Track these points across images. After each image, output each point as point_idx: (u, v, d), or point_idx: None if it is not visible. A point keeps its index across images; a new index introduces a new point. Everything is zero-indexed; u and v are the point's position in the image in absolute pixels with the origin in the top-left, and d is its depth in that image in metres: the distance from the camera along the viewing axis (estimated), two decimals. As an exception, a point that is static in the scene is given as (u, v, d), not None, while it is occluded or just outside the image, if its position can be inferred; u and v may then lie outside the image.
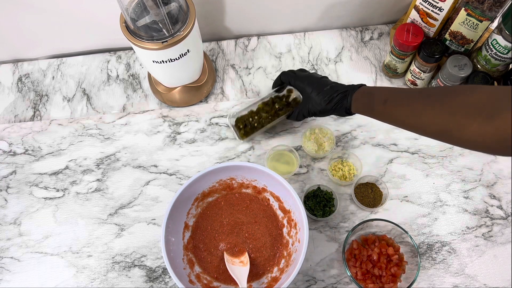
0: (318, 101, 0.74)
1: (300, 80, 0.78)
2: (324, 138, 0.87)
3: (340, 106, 0.71)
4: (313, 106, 0.75)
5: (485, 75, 0.80)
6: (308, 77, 0.78)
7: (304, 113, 0.78)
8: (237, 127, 0.86)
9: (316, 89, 0.75)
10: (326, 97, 0.72)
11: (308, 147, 0.86)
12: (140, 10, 0.74)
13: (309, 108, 0.76)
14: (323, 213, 0.81)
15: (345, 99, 0.70)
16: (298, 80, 0.78)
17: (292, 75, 0.80)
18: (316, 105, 0.75)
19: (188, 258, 0.76)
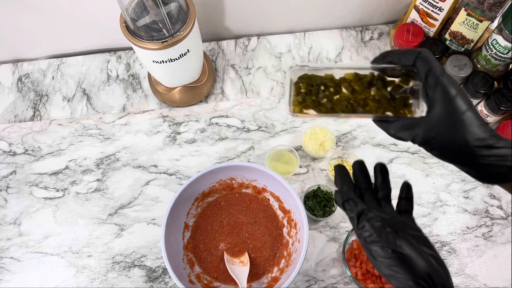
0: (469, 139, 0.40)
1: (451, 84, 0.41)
2: (324, 138, 0.86)
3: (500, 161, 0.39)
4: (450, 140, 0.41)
5: (485, 75, 0.80)
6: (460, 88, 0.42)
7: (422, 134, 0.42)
8: (297, 87, 0.48)
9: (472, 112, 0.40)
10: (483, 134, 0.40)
11: (308, 147, 0.86)
12: (140, 10, 0.74)
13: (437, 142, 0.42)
14: (323, 213, 0.81)
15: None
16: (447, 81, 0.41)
17: (440, 68, 0.42)
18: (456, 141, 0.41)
19: (188, 258, 0.76)
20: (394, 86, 0.47)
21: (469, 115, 0.40)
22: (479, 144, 0.40)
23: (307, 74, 0.48)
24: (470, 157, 0.41)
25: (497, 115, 0.80)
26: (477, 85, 0.79)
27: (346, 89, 0.48)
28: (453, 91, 0.41)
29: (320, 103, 0.47)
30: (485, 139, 0.40)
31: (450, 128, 0.41)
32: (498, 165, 0.40)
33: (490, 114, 0.80)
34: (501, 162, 0.40)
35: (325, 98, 0.47)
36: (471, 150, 0.40)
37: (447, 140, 0.41)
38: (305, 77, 0.48)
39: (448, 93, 0.41)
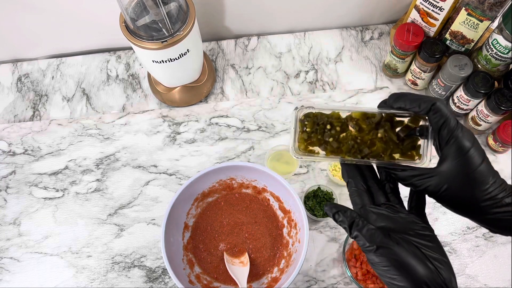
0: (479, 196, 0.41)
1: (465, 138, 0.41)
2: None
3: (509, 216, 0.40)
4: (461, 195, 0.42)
5: (486, 75, 0.80)
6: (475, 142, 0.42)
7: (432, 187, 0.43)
8: (302, 124, 0.47)
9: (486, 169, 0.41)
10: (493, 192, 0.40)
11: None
12: (139, 10, 0.74)
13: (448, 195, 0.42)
14: (323, 213, 0.80)
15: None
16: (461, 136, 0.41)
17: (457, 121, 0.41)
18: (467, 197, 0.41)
19: (188, 259, 0.76)
20: (402, 127, 0.45)
21: (482, 169, 0.40)
22: (489, 204, 0.40)
23: (313, 112, 0.47)
24: (480, 212, 0.41)
25: (498, 115, 0.80)
26: (478, 85, 0.79)
27: (353, 128, 0.46)
28: (468, 145, 0.40)
29: (326, 142, 0.46)
30: (495, 197, 0.40)
31: (461, 183, 0.41)
32: (506, 219, 0.40)
33: (490, 114, 0.80)
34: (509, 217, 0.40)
35: (331, 138, 0.46)
36: (480, 206, 0.41)
37: (457, 195, 0.41)
38: (310, 115, 0.47)
39: (463, 148, 0.40)
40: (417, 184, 0.43)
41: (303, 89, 0.96)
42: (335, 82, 0.96)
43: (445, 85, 0.85)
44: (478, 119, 0.84)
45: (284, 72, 0.98)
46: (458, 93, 0.85)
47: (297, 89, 0.96)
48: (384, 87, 0.95)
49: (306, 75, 0.98)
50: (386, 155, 0.45)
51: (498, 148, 0.85)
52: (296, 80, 0.97)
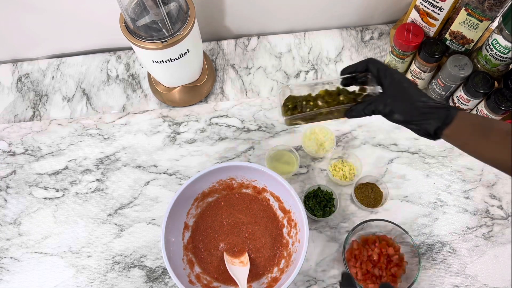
0: (413, 100, 0.58)
1: (393, 75, 0.60)
2: (324, 138, 0.86)
3: (437, 117, 0.56)
4: (403, 103, 0.58)
5: (486, 75, 0.80)
6: (404, 78, 0.61)
7: (378, 107, 0.60)
8: (285, 105, 0.66)
9: (412, 93, 0.58)
10: (423, 106, 0.57)
11: (308, 147, 0.86)
12: (140, 10, 0.74)
13: (392, 109, 0.59)
14: (323, 213, 0.80)
15: (447, 110, 0.55)
16: (391, 74, 0.61)
17: (385, 65, 0.62)
18: (405, 103, 0.58)
19: (188, 259, 0.76)
20: (354, 92, 0.66)
21: (408, 85, 0.59)
22: (422, 101, 0.57)
23: (291, 96, 0.66)
24: (416, 112, 0.57)
25: (498, 115, 0.80)
26: (478, 85, 0.79)
27: (322, 101, 0.66)
28: (398, 74, 0.60)
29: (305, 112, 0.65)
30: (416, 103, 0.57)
31: (398, 94, 0.59)
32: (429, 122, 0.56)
33: (490, 114, 0.80)
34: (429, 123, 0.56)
35: (307, 109, 0.65)
36: (416, 105, 0.57)
37: (399, 103, 0.59)
38: (290, 98, 0.66)
39: (394, 75, 0.60)
40: (372, 107, 0.61)
41: (303, 89, 0.96)
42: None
43: (445, 85, 0.85)
44: (478, 119, 0.84)
45: (284, 72, 0.98)
46: (458, 93, 0.85)
47: (297, 89, 0.96)
48: (384, 87, 0.95)
49: (306, 75, 0.98)
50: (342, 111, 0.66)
51: (498, 148, 0.85)
52: (296, 80, 0.97)
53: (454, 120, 0.55)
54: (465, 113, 0.56)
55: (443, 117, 0.55)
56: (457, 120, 0.55)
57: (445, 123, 0.55)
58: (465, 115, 0.56)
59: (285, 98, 0.66)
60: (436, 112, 0.56)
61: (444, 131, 0.56)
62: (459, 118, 0.55)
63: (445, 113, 0.55)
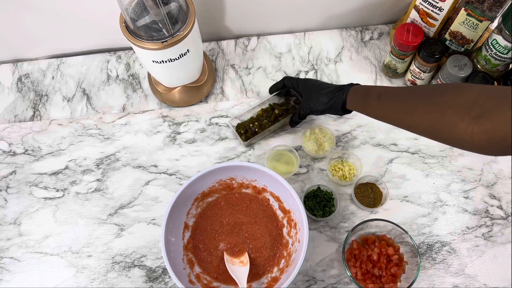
0: (319, 98, 0.75)
1: (303, 82, 0.81)
2: (324, 138, 0.87)
3: (337, 102, 0.72)
4: (313, 104, 0.76)
5: (485, 75, 0.80)
6: (311, 80, 0.81)
7: (303, 111, 0.80)
8: (238, 132, 0.88)
9: (317, 88, 0.77)
10: (326, 94, 0.74)
11: (308, 147, 0.86)
12: (140, 10, 0.74)
13: (309, 106, 0.77)
14: (323, 213, 0.81)
15: (342, 92, 0.72)
16: (301, 82, 0.81)
17: (295, 78, 0.84)
18: (316, 102, 0.76)
19: (188, 258, 0.76)
20: (283, 103, 0.91)
21: (314, 93, 0.77)
22: (323, 102, 0.75)
23: (239, 123, 0.89)
24: (325, 109, 0.75)
25: (497, 115, 0.80)
26: (477, 85, 0.79)
27: (262, 118, 0.89)
28: (304, 84, 0.80)
29: (255, 132, 0.88)
30: (321, 100, 0.75)
31: (310, 94, 0.78)
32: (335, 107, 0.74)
33: (490, 114, 0.80)
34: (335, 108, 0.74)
35: (255, 129, 0.88)
36: (322, 103, 0.75)
37: (313, 106, 0.77)
38: (240, 125, 0.89)
39: (303, 83, 0.81)
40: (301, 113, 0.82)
41: (303, 89, 0.96)
42: (335, 82, 0.96)
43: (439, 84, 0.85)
44: (477, 119, 0.84)
45: (284, 72, 0.98)
46: (457, 93, 0.85)
47: (297, 89, 0.96)
48: (384, 87, 0.95)
49: (306, 75, 0.98)
50: (280, 120, 0.88)
51: (497, 148, 0.85)
52: (296, 80, 0.97)
53: (348, 95, 0.70)
54: (356, 87, 0.70)
55: (341, 95, 0.71)
56: (350, 95, 0.70)
57: (343, 100, 0.71)
58: (355, 88, 0.70)
59: (235, 127, 0.88)
60: (337, 94, 0.72)
61: (347, 106, 0.71)
62: (351, 92, 0.70)
63: (342, 92, 0.72)
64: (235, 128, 0.88)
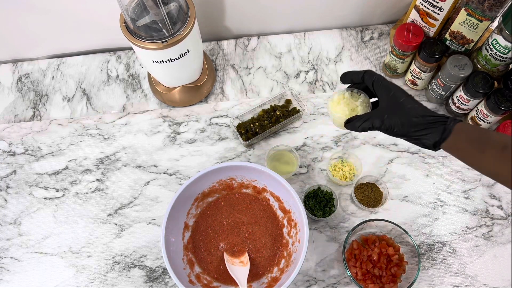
0: (407, 122, 0.57)
1: (390, 90, 0.60)
2: (357, 102, 0.67)
3: (431, 138, 0.56)
4: (400, 118, 0.58)
5: (485, 75, 0.80)
6: (401, 91, 0.61)
7: (375, 123, 0.60)
8: (239, 132, 0.88)
9: (408, 108, 0.58)
10: (419, 121, 0.56)
11: (338, 113, 0.67)
12: (140, 10, 0.74)
13: (388, 125, 0.59)
14: (323, 213, 0.81)
15: (443, 125, 0.55)
16: (387, 88, 0.61)
17: (380, 79, 0.62)
18: (403, 118, 0.58)
19: (188, 258, 0.76)
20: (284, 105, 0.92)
21: (407, 100, 0.59)
22: (415, 123, 0.57)
23: (240, 123, 0.89)
24: (413, 128, 0.57)
25: (497, 115, 0.80)
26: (477, 85, 0.79)
27: (263, 119, 0.89)
28: (391, 87, 0.61)
29: (256, 132, 0.87)
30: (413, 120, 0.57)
31: (394, 110, 0.59)
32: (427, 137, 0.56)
33: (490, 114, 0.80)
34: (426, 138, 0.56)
35: (256, 129, 0.87)
36: (411, 121, 0.57)
37: (395, 119, 0.58)
38: (240, 125, 0.89)
39: (388, 89, 0.60)
40: (368, 124, 0.61)
41: (303, 89, 0.96)
42: (335, 82, 0.96)
43: (444, 85, 0.85)
44: (478, 119, 0.84)
45: (284, 72, 0.98)
46: (457, 93, 0.85)
47: (297, 89, 0.96)
48: (384, 87, 0.95)
49: (306, 75, 0.98)
50: (281, 121, 0.88)
51: (497, 148, 0.85)
52: (296, 80, 0.97)
53: (451, 134, 0.55)
54: (463, 125, 0.55)
55: (440, 131, 0.55)
56: (453, 135, 0.55)
57: (442, 138, 0.55)
58: (462, 127, 0.55)
59: (235, 127, 0.88)
60: (434, 126, 0.56)
61: (442, 145, 0.56)
62: (456, 132, 0.55)
63: (442, 127, 0.55)
64: (236, 128, 0.88)
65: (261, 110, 0.91)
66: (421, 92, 0.94)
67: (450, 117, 0.56)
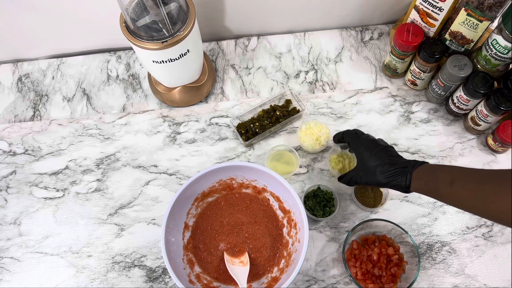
0: (376, 173, 0.67)
1: (361, 144, 0.71)
2: (320, 133, 0.86)
3: (398, 183, 0.64)
4: (370, 176, 0.68)
5: (485, 75, 0.80)
6: (370, 142, 0.71)
7: (357, 180, 0.71)
8: (239, 132, 0.88)
9: (375, 162, 0.67)
10: (384, 173, 0.65)
11: (305, 142, 0.86)
12: (140, 10, 0.74)
13: (365, 178, 0.69)
14: (323, 213, 0.81)
15: (404, 176, 0.63)
16: (360, 143, 0.71)
17: (355, 137, 0.73)
18: (372, 176, 0.67)
19: (188, 258, 0.76)
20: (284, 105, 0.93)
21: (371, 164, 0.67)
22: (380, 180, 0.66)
23: (240, 123, 0.89)
24: (381, 185, 0.66)
25: (497, 115, 0.80)
26: (477, 85, 0.79)
27: (263, 119, 0.90)
28: (361, 149, 0.70)
29: (255, 132, 0.88)
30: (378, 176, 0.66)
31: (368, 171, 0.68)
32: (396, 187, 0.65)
33: (490, 114, 0.80)
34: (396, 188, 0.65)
35: (256, 129, 0.88)
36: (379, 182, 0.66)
37: (369, 178, 0.68)
38: (240, 125, 0.89)
39: (358, 150, 0.71)
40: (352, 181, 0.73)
41: (303, 89, 0.96)
42: (335, 82, 0.97)
43: (444, 85, 0.85)
44: (477, 119, 0.84)
45: (284, 72, 0.98)
46: (457, 93, 0.85)
47: (297, 89, 0.96)
48: (383, 87, 0.95)
49: (306, 75, 0.98)
50: (281, 121, 0.89)
51: (497, 148, 0.85)
52: (296, 80, 0.97)
53: (412, 177, 0.62)
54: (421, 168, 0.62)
55: (403, 179, 0.63)
56: (414, 178, 0.62)
57: (405, 184, 0.63)
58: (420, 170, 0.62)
59: (235, 127, 0.88)
60: (398, 177, 0.64)
61: (412, 190, 0.63)
62: (415, 175, 0.62)
63: (404, 175, 0.63)
64: (236, 128, 0.88)
65: (261, 110, 0.91)
66: (421, 92, 0.94)
67: (409, 165, 0.64)
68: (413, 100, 0.93)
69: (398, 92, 0.94)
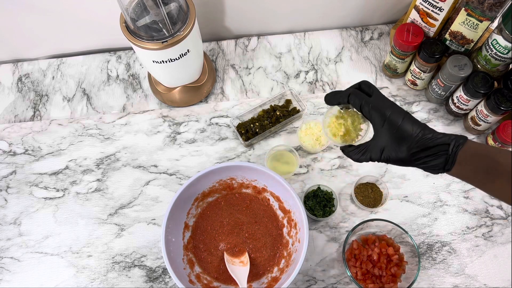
0: (402, 149, 0.52)
1: (381, 107, 0.53)
2: (320, 133, 0.86)
3: (435, 159, 0.50)
4: (392, 152, 0.53)
5: (485, 75, 0.80)
6: (392, 105, 0.53)
7: (374, 156, 0.55)
8: (239, 132, 0.88)
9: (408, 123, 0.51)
10: (415, 147, 0.51)
11: (305, 142, 0.86)
12: (140, 10, 0.74)
13: (386, 154, 0.53)
14: (323, 213, 0.81)
15: (444, 158, 0.50)
16: (378, 106, 0.53)
17: (367, 99, 0.54)
18: (397, 151, 0.52)
19: (188, 258, 0.76)
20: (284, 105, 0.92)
21: (404, 126, 0.51)
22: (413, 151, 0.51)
23: (240, 123, 0.89)
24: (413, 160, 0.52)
25: (497, 115, 0.80)
26: (477, 85, 0.79)
27: (263, 119, 0.89)
28: (386, 111, 0.52)
29: (256, 132, 0.87)
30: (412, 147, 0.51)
31: (392, 142, 0.52)
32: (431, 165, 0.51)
33: (490, 114, 0.80)
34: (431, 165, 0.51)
35: (256, 129, 0.87)
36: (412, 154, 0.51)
37: (394, 152, 0.53)
38: (240, 125, 0.89)
39: (382, 114, 0.52)
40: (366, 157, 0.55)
41: (303, 89, 0.96)
42: (335, 82, 0.96)
43: (444, 85, 0.85)
44: (477, 119, 0.84)
45: (284, 72, 0.98)
46: (457, 93, 0.85)
47: (297, 89, 0.96)
48: (384, 87, 0.95)
49: (306, 75, 0.98)
50: (281, 121, 0.88)
51: (497, 148, 0.85)
52: (296, 80, 0.97)
53: (455, 164, 0.50)
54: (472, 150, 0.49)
55: (443, 163, 0.50)
56: (457, 165, 0.50)
57: (446, 169, 0.51)
58: (470, 151, 0.49)
59: (235, 127, 0.88)
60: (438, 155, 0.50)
61: (452, 173, 0.51)
62: (461, 162, 0.49)
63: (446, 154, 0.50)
64: (236, 128, 0.88)
65: (261, 110, 0.91)
66: (421, 92, 0.94)
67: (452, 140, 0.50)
68: (413, 100, 0.93)
69: (398, 92, 0.94)
